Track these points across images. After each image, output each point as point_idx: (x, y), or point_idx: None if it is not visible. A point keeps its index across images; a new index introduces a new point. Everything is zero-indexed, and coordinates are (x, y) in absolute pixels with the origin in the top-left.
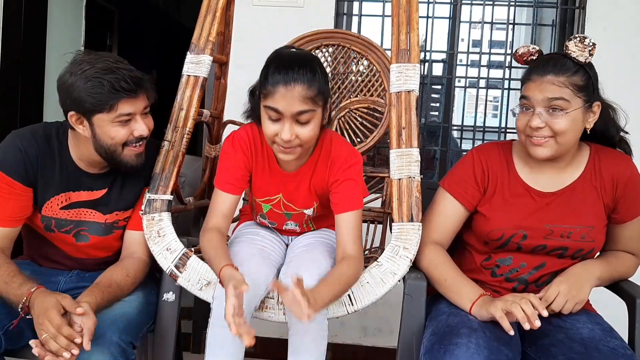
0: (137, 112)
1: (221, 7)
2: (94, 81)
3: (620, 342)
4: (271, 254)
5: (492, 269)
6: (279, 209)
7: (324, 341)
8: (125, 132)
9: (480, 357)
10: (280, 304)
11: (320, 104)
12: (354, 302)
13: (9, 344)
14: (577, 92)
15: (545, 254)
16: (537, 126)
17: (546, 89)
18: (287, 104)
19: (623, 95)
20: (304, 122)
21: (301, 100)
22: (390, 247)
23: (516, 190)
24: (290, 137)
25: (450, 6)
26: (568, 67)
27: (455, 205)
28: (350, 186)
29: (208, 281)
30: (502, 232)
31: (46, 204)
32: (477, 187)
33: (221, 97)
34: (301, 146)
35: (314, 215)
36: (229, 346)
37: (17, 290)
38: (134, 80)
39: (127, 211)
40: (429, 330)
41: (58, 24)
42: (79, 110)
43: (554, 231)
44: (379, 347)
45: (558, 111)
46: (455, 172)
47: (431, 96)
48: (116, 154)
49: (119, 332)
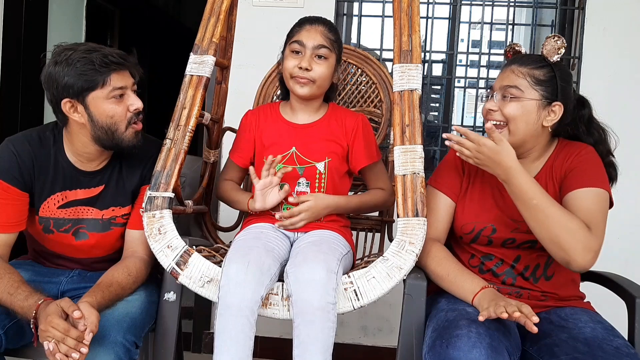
0: (128, 87)
1: (224, 9)
2: (82, 61)
3: (624, 341)
4: (275, 248)
5: (479, 267)
6: (292, 162)
7: (332, 332)
8: (121, 108)
9: (483, 345)
10: (284, 300)
11: (336, 52)
12: (360, 297)
13: (9, 343)
14: (534, 84)
15: (517, 248)
16: (490, 108)
17: (506, 77)
18: (310, 36)
19: (623, 95)
20: (322, 56)
21: (322, 37)
22: (396, 242)
23: (487, 184)
24: (307, 66)
25: (450, 7)
26: (533, 60)
27: (443, 198)
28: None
29: (210, 278)
30: (472, 226)
31: (43, 205)
32: (459, 178)
33: (222, 101)
34: (314, 82)
35: (325, 173)
36: (238, 335)
37: (24, 302)
38: (120, 54)
39: (123, 207)
40: (430, 329)
41: (58, 24)
42: (72, 94)
43: (519, 226)
44: (379, 347)
45: (509, 98)
46: (438, 168)
47: (431, 96)
48: (118, 133)
49: (124, 332)
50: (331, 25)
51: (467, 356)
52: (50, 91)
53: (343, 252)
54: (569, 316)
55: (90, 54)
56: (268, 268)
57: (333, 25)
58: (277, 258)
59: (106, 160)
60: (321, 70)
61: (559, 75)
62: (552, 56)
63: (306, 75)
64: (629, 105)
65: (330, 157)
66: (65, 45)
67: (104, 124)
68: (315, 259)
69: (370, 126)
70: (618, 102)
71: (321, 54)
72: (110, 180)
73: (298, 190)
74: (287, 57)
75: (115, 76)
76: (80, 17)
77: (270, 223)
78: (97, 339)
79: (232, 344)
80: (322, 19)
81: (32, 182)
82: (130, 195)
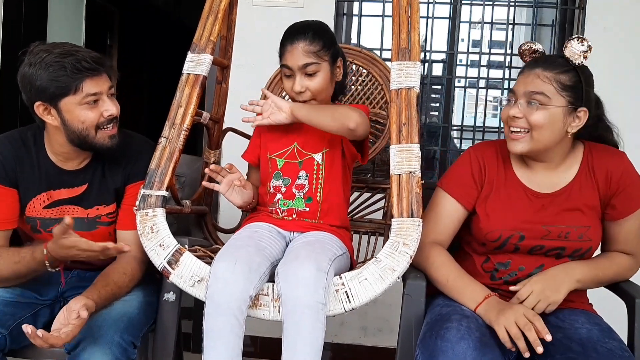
0: (103, 92)
1: (223, 8)
2: (55, 66)
3: (619, 344)
4: (266, 247)
5: (491, 272)
6: (293, 157)
7: (321, 333)
8: (94, 114)
9: (472, 338)
10: (274, 301)
11: (327, 59)
12: (351, 299)
13: (13, 343)
14: (561, 90)
15: (544, 255)
16: (514, 115)
17: (530, 82)
18: (293, 59)
19: (622, 95)
20: (311, 73)
21: (305, 55)
22: (390, 243)
23: (513, 190)
24: (300, 89)
25: (450, 6)
26: (558, 64)
27: (454, 205)
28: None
29: (200, 277)
30: (499, 233)
31: (29, 205)
32: (474, 186)
33: (222, 101)
34: (314, 99)
35: (323, 163)
36: (228, 335)
37: (32, 258)
38: (95, 59)
39: (108, 206)
40: (424, 323)
41: (58, 24)
42: (45, 98)
43: (551, 232)
44: (379, 347)
45: (536, 105)
46: (452, 171)
47: (431, 96)
48: (89, 138)
49: (121, 332)
50: (313, 34)
51: (454, 347)
52: (25, 92)
53: (337, 253)
54: (567, 317)
55: (64, 58)
56: (257, 266)
57: (316, 32)
58: (268, 257)
59: (88, 159)
60: (315, 84)
61: (584, 80)
62: (577, 59)
63: (303, 97)
64: (630, 105)
65: (328, 148)
66: (42, 45)
67: (75, 129)
68: (306, 257)
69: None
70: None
71: (309, 71)
72: (94, 178)
73: (297, 184)
74: (282, 78)
75: (89, 82)
76: (80, 17)
77: (268, 222)
78: (94, 338)
79: (221, 344)
80: (302, 31)
81: (16, 178)
82: (114, 194)
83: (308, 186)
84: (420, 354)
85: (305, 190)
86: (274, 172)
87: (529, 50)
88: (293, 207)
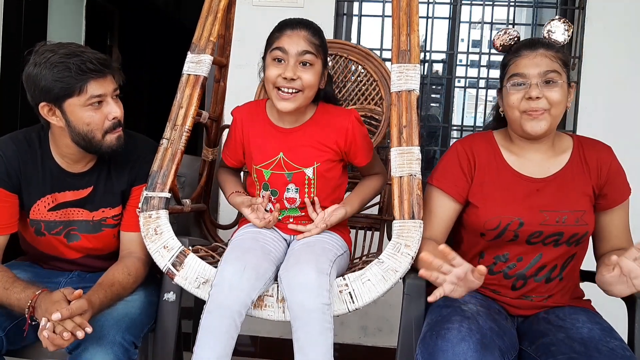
0: (107, 94)
1: (222, 8)
2: (59, 66)
3: (620, 343)
4: (272, 250)
5: (489, 267)
6: (280, 169)
7: (330, 333)
8: (99, 116)
9: (472, 339)
10: (279, 302)
11: (321, 58)
12: (355, 299)
13: (10, 344)
14: (563, 67)
15: (542, 243)
16: (537, 95)
17: (541, 62)
18: (292, 42)
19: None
20: (307, 63)
21: (306, 42)
22: (392, 245)
23: (506, 177)
24: (292, 75)
25: (450, 6)
26: (551, 43)
27: (446, 199)
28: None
29: (205, 279)
30: (498, 220)
31: (33, 208)
32: (464, 178)
33: (220, 100)
34: (302, 92)
35: (314, 178)
36: (222, 336)
37: (20, 294)
38: (100, 61)
39: (114, 208)
40: (425, 324)
41: (58, 24)
42: (49, 99)
43: (548, 217)
44: (379, 347)
45: (552, 83)
46: (440, 166)
47: (431, 96)
48: (95, 141)
49: (122, 332)
50: (315, 28)
51: (454, 348)
52: (29, 92)
53: (338, 253)
54: (567, 316)
55: (69, 58)
56: (264, 272)
57: (317, 28)
58: (273, 261)
59: (93, 161)
60: (308, 77)
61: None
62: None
63: (292, 85)
64: (630, 105)
65: (319, 162)
66: (47, 45)
67: (80, 131)
68: (306, 261)
69: (361, 121)
70: (618, 102)
71: (306, 60)
72: (99, 181)
73: (287, 197)
74: (268, 66)
75: (93, 83)
76: (80, 16)
77: None
78: (96, 339)
79: (216, 342)
80: (305, 22)
81: (19, 183)
82: (120, 196)
83: (300, 199)
84: (420, 354)
85: (297, 204)
86: (262, 183)
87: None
88: (288, 215)
